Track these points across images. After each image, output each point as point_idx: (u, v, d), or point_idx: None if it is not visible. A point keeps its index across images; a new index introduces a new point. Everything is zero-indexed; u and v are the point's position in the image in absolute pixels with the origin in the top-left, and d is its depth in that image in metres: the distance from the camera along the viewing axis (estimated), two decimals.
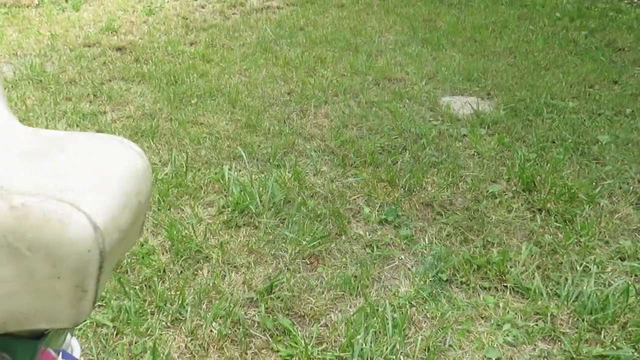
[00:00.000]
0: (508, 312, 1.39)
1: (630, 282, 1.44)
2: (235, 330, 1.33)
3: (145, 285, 1.44)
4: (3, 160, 0.28)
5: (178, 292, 1.41)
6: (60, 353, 0.44)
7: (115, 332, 1.30)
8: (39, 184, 0.27)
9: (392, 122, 2.38)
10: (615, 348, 1.27)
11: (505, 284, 1.48)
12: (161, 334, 1.30)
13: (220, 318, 1.35)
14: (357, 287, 1.47)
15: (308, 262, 1.57)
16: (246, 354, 1.27)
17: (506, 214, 1.76)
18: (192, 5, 4.19)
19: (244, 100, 2.58)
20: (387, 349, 1.26)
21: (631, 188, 1.89)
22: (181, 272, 1.50)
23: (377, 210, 1.78)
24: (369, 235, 1.68)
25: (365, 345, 1.26)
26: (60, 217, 0.26)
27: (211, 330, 1.32)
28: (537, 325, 1.35)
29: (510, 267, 1.53)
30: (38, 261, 0.26)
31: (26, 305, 0.28)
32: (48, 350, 0.39)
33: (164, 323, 1.33)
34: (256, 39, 3.44)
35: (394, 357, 1.25)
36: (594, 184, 1.90)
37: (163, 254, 1.57)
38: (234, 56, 3.16)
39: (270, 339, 1.31)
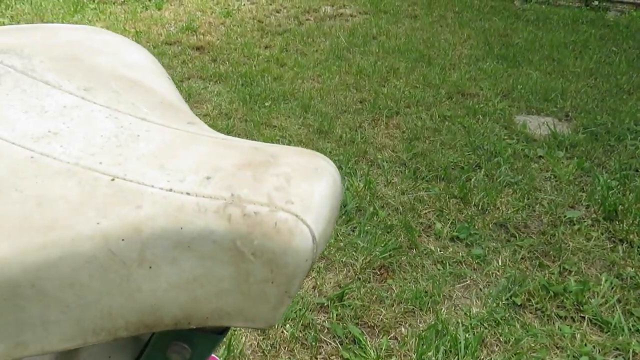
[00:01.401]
0: (585, 344, 1.34)
1: None
2: (306, 334, 1.35)
3: None
4: (229, 171, 0.30)
5: None
6: None
7: None
8: (268, 194, 0.29)
9: (466, 137, 2.34)
10: None
11: (582, 315, 1.43)
12: (235, 330, 1.34)
13: (291, 320, 1.38)
14: (428, 303, 1.46)
15: (378, 273, 1.57)
16: (316, 358, 1.29)
17: (585, 242, 1.70)
18: (268, 9, 4.28)
19: (316, 106, 2.62)
20: None
21: None
22: None
23: (449, 227, 1.76)
24: (440, 251, 1.66)
25: None
26: (289, 227, 0.28)
27: (283, 332, 1.34)
28: None
29: (589, 297, 1.48)
30: (258, 266, 0.29)
31: (233, 304, 0.30)
32: None
33: None
34: (329, 46, 3.48)
35: None
36: None
37: None
38: (308, 62, 3.21)
39: (339, 346, 1.32)
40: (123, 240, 0.28)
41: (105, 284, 0.28)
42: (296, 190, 0.29)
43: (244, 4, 4.36)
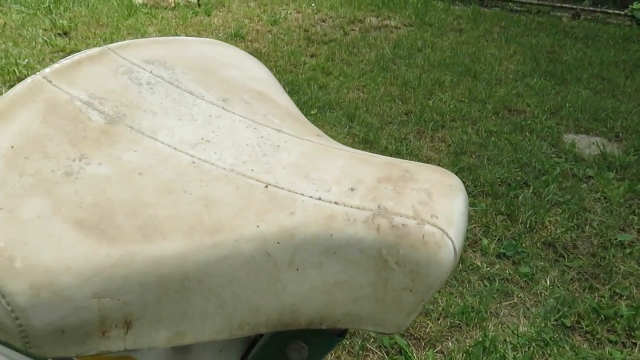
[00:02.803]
0: None
1: None
2: (353, 342, 1.36)
3: None
4: (371, 183, 0.32)
5: None
6: None
7: None
8: (413, 207, 0.31)
9: (512, 154, 2.32)
10: None
11: (634, 341, 1.41)
12: None
13: None
14: (474, 319, 1.45)
15: None
16: None
17: (636, 266, 1.67)
18: (314, 18, 4.34)
19: (362, 116, 2.64)
20: None
21: None
22: None
23: (495, 243, 1.75)
24: (487, 267, 1.65)
25: None
26: (436, 240, 0.30)
27: None
28: None
29: None
30: (399, 274, 0.31)
31: (366, 309, 0.32)
32: None
33: None
34: (374, 57, 3.50)
35: None
36: None
37: None
38: (353, 71, 3.23)
39: (386, 356, 1.33)
40: (278, 243, 0.30)
41: (257, 283, 0.30)
42: (438, 206, 0.31)
43: (290, 13, 4.43)
